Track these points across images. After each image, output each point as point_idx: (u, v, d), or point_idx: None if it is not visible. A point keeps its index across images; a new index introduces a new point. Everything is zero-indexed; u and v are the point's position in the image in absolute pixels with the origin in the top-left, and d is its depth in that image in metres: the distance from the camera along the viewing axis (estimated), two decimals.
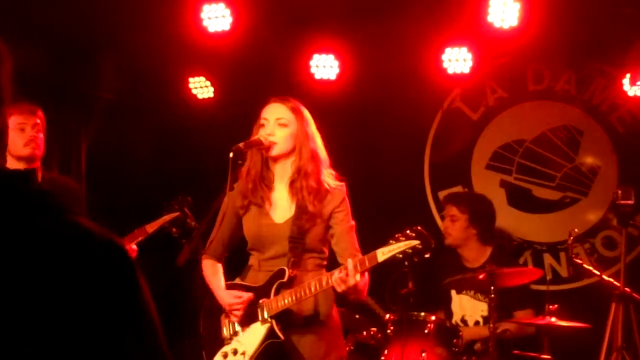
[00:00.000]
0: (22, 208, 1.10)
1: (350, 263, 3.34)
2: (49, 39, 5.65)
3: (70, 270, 1.07)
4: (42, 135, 4.37)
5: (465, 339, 4.64)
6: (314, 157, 3.61)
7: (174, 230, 4.69)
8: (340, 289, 3.37)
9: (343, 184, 3.69)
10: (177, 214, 4.69)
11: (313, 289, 3.44)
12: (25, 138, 4.28)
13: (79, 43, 5.94)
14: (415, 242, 3.26)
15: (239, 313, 3.62)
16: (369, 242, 3.53)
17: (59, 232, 1.10)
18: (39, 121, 4.36)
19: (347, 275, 3.32)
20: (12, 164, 4.25)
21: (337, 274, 3.36)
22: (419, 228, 3.31)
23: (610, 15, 5.62)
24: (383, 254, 3.29)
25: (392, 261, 3.29)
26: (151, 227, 4.67)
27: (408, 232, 3.29)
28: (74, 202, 4.23)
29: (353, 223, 3.67)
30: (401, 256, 3.27)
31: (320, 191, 3.59)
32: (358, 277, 3.34)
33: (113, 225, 1.16)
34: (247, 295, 3.62)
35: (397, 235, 3.31)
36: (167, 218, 4.70)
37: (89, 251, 1.10)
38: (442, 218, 5.62)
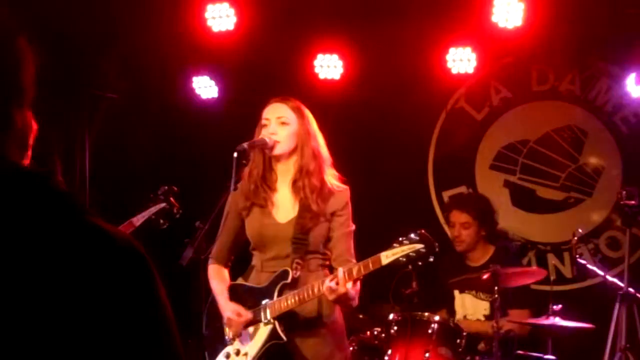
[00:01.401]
0: (44, 207, 1.11)
1: (340, 271, 3.33)
2: (52, 37, 5.65)
3: (91, 270, 1.09)
4: None
5: (466, 331, 4.62)
6: (316, 155, 3.60)
7: (161, 221, 4.59)
8: (330, 297, 3.36)
9: (347, 187, 3.67)
10: (163, 204, 4.58)
11: (316, 291, 3.43)
12: None
13: (83, 42, 5.95)
14: (419, 246, 3.24)
15: (235, 330, 3.59)
16: (372, 241, 3.51)
17: (80, 232, 1.11)
18: None
19: (337, 283, 3.31)
20: None
21: (327, 282, 3.35)
22: (423, 231, 3.29)
23: (614, 15, 5.61)
24: (386, 257, 3.27)
25: (395, 264, 3.28)
26: (137, 220, 4.55)
27: (412, 235, 3.27)
28: None
29: (352, 227, 3.65)
30: (404, 259, 3.25)
31: (323, 190, 3.58)
32: (349, 285, 3.33)
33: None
34: (246, 316, 3.58)
35: (400, 239, 3.28)
36: (152, 209, 4.59)
37: (109, 251, 1.12)
38: (446, 219, 5.60)
